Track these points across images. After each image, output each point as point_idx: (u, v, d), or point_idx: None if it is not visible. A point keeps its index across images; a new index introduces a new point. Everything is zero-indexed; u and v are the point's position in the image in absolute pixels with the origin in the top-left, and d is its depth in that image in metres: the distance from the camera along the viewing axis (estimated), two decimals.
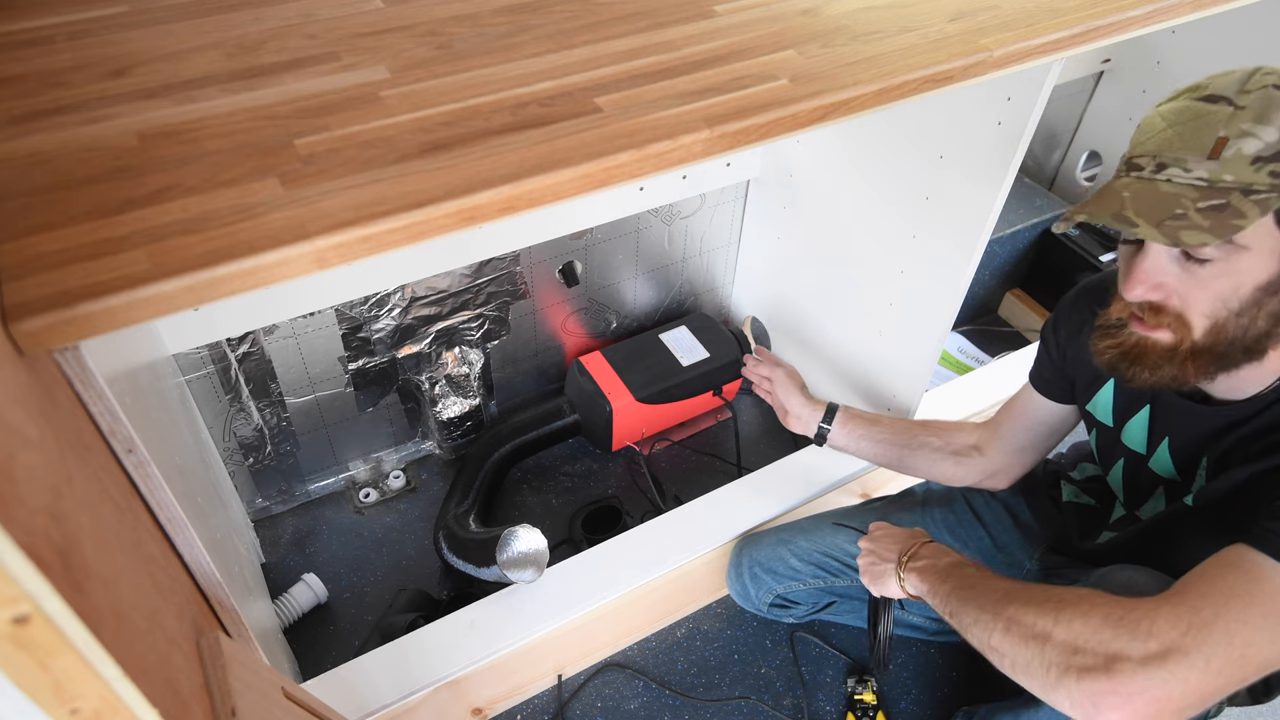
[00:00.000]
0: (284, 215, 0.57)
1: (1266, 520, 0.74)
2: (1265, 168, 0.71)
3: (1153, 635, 0.72)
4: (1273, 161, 0.71)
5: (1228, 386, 0.84)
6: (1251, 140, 0.71)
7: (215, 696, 0.60)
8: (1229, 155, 0.72)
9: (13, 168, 0.58)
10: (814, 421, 1.28)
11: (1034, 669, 0.78)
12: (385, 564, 1.46)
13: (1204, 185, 0.73)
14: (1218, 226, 0.71)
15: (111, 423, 0.59)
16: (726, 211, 1.69)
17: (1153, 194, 0.75)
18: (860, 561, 1.09)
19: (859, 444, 1.26)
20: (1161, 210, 0.74)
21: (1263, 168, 0.71)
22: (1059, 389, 1.08)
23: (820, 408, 1.29)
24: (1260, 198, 0.71)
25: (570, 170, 0.64)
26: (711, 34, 0.81)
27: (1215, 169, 0.72)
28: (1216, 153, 0.72)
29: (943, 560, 0.97)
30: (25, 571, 0.34)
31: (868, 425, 1.25)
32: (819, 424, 1.28)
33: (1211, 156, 0.73)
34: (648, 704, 1.30)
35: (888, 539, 1.07)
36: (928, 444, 1.21)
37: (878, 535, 1.09)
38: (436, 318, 1.47)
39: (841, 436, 1.26)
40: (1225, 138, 0.72)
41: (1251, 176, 0.71)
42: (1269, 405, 0.81)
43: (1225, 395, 0.85)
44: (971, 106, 1.12)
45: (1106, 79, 2.00)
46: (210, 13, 0.78)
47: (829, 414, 1.27)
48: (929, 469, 1.22)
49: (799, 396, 1.31)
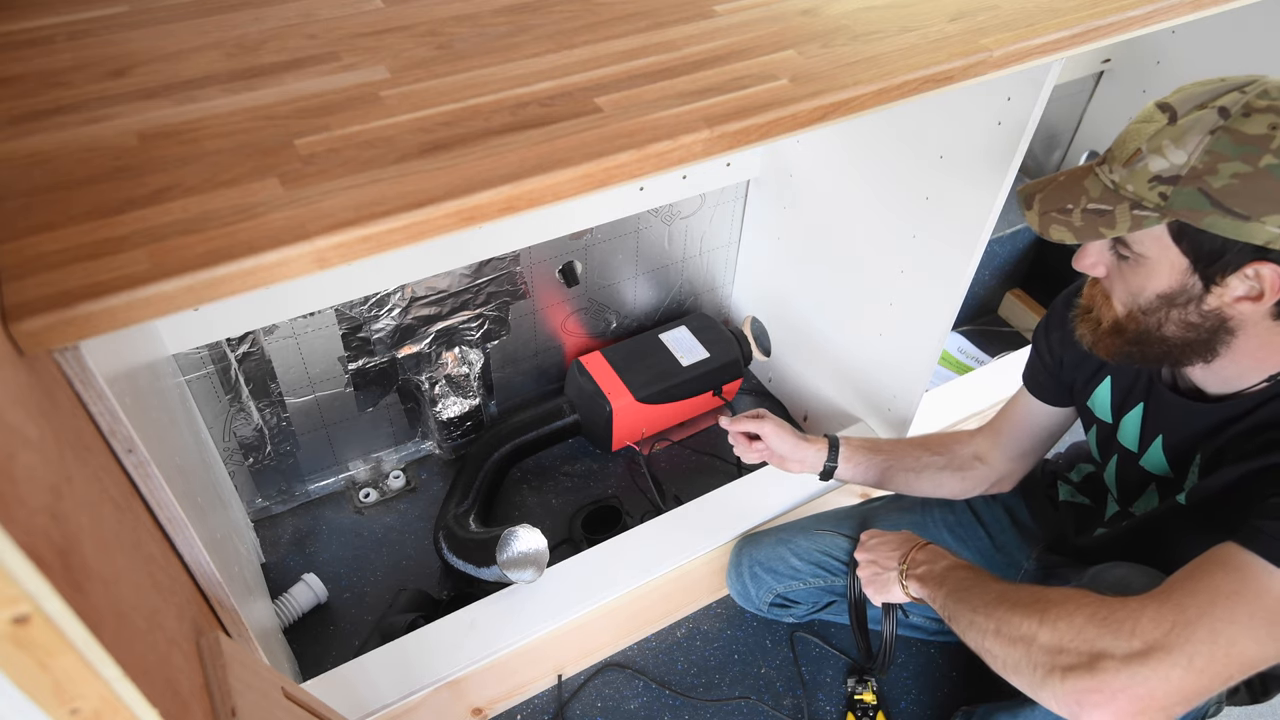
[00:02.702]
0: (284, 215, 0.57)
1: (1256, 519, 0.74)
2: (1158, 187, 0.74)
3: (1136, 633, 0.72)
4: (1167, 184, 0.74)
5: (1218, 381, 0.85)
6: (1158, 159, 0.74)
7: (215, 696, 0.60)
8: (1138, 167, 0.76)
9: (13, 168, 0.58)
10: (819, 461, 1.21)
11: (1022, 669, 0.79)
12: (385, 564, 1.46)
13: (1110, 189, 0.77)
14: (1084, 230, 0.78)
15: (111, 423, 0.59)
16: (726, 211, 1.69)
17: (1075, 185, 0.80)
18: (862, 574, 1.10)
19: (865, 475, 1.22)
20: (1059, 200, 0.80)
21: (1156, 186, 0.74)
22: (1054, 392, 1.08)
23: (821, 445, 1.21)
24: (1141, 214, 0.75)
25: (570, 170, 0.64)
26: (711, 34, 0.81)
27: (1124, 176, 0.77)
28: (1130, 162, 0.76)
29: (939, 564, 0.99)
30: (25, 571, 0.34)
31: (870, 454, 1.21)
32: (825, 463, 1.21)
33: (1126, 164, 0.77)
34: (648, 704, 1.30)
35: (884, 546, 1.07)
36: (931, 464, 1.20)
37: (872, 544, 1.10)
38: (436, 318, 1.47)
39: (847, 471, 1.22)
40: (1140, 150, 0.76)
41: (1145, 192, 0.75)
42: (1263, 402, 0.81)
43: (1217, 391, 0.86)
44: (971, 107, 1.12)
45: (1106, 79, 2.00)
46: (210, 13, 0.78)
47: (832, 449, 1.21)
48: (936, 488, 1.20)
49: (793, 440, 1.20)
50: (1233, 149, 0.71)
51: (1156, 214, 0.74)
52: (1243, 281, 0.74)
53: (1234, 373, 0.82)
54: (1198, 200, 0.72)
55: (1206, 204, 0.72)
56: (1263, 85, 0.73)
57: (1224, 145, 0.71)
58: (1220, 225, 0.72)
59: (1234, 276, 0.74)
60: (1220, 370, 0.83)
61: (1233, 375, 0.83)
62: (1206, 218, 0.72)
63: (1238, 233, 0.71)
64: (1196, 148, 0.72)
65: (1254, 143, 0.70)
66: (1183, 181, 0.73)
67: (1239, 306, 0.76)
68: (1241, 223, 0.71)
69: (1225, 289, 0.75)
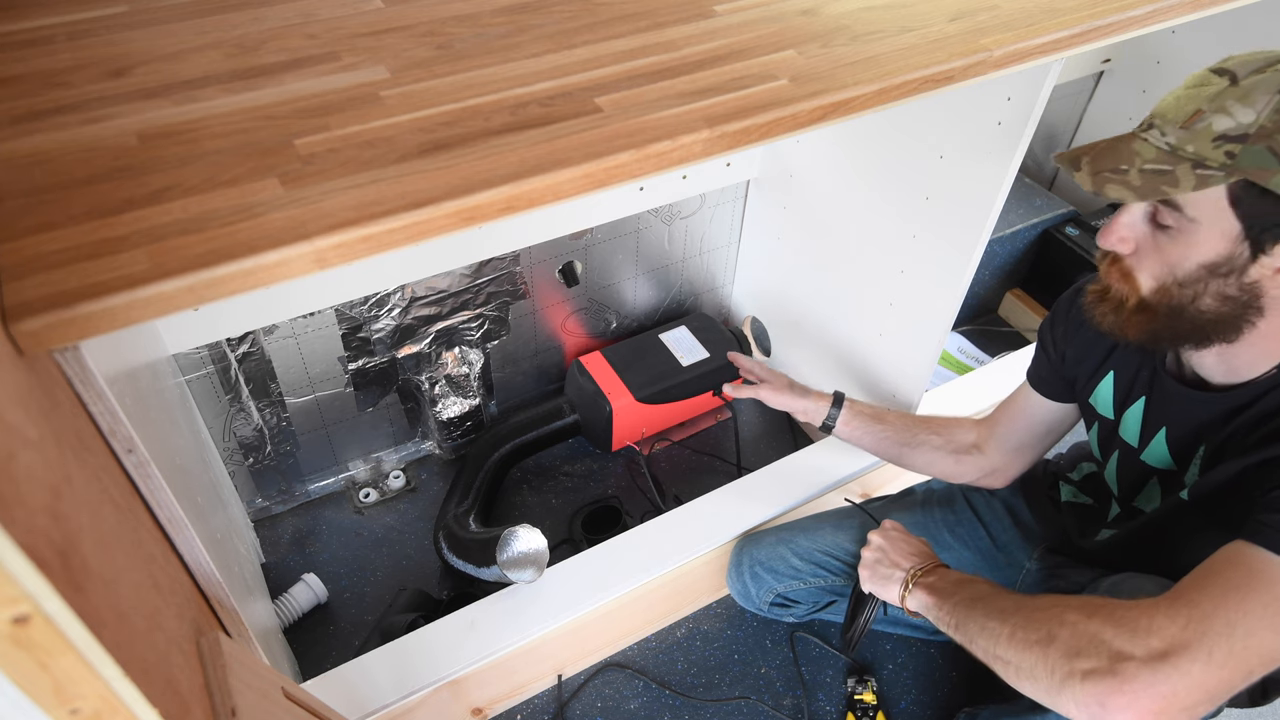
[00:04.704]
0: (284, 215, 0.57)
1: (1260, 514, 0.74)
2: (1224, 146, 0.72)
3: (1153, 632, 0.72)
4: (1234, 142, 0.72)
5: (1226, 370, 0.85)
6: (1224, 118, 0.73)
7: (215, 696, 0.60)
8: (1199, 127, 0.74)
9: (13, 168, 0.58)
10: (820, 414, 1.28)
11: (1038, 674, 0.78)
12: (385, 564, 1.46)
13: (1167, 151, 0.75)
14: (1144, 189, 0.75)
15: (111, 423, 0.59)
16: (726, 211, 1.69)
17: (1123, 148, 0.78)
18: (865, 554, 1.09)
19: (862, 438, 1.27)
20: (1111, 161, 0.78)
21: (1221, 145, 0.72)
22: (1057, 388, 1.08)
23: (824, 399, 1.28)
24: (1205, 173, 0.73)
25: (570, 170, 0.64)
26: (711, 34, 0.81)
27: (1183, 137, 0.75)
28: (1190, 123, 0.74)
29: (950, 578, 0.98)
30: (25, 571, 0.34)
31: (871, 421, 1.26)
32: (827, 412, 1.28)
33: (1184, 126, 0.75)
34: (648, 704, 1.30)
35: (902, 544, 1.07)
36: (928, 442, 1.21)
37: (893, 535, 1.09)
38: (436, 318, 1.47)
39: (846, 430, 1.27)
40: (1201, 110, 0.74)
41: (1209, 151, 0.73)
42: (1268, 391, 0.81)
43: (1222, 380, 0.86)
44: (971, 106, 1.12)
45: (1106, 79, 2.00)
46: (210, 13, 0.78)
47: (836, 404, 1.27)
48: (928, 465, 1.23)
49: (789, 397, 1.30)
50: None
51: (1222, 173, 0.72)
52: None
53: (1246, 359, 0.82)
54: (1267, 159, 0.71)
55: (1276, 163, 0.70)
56: None
57: None
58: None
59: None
60: (1233, 357, 0.83)
61: (1243, 363, 0.83)
62: (1275, 176, 0.71)
63: None
64: (1266, 106, 0.71)
65: None
66: (1251, 139, 0.71)
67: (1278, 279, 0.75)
68: None
69: (1272, 258, 0.74)
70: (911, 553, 1.05)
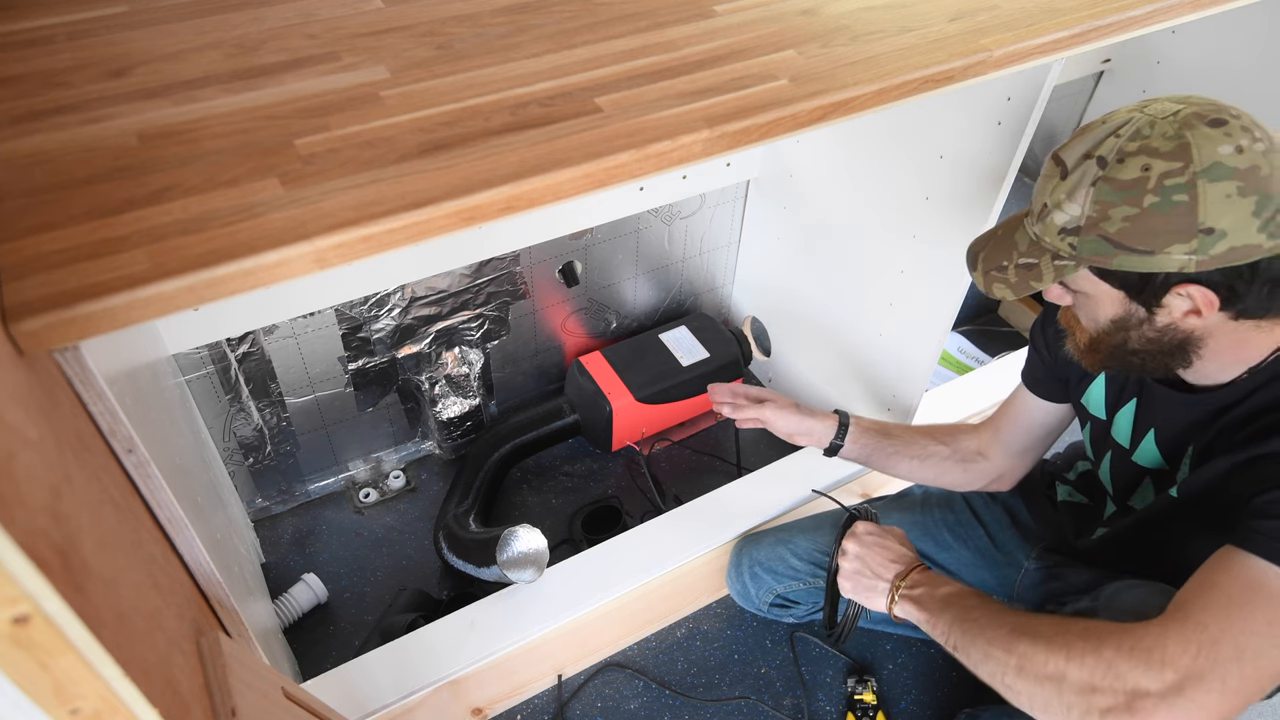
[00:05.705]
0: (284, 215, 0.57)
1: (1252, 519, 0.74)
2: (1067, 239, 0.79)
3: (1167, 664, 0.72)
4: (1072, 234, 0.78)
5: (1202, 379, 0.86)
6: (1060, 212, 0.79)
7: (215, 696, 0.60)
8: (1047, 221, 0.80)
9: (13, 168, 0.58)
10: (827, 437, 1.21)
11: (1053, 709, 0.78)
12: (385, 564, 1.46)
13: (1034, 241, 0.82)
14: (1019, 285, 0.83)
15: (111, 423, 0.59)
16: (726, 211, 1.69)
17: (1007, 240, 0.85)
18: (844, 564, 1.05)
19: (869, 456, 1.22)
20: (997, 258, 0.85)
21: (1065, 238, 0.79)
22: (1052, 388, 1.08)
23: (829, 421, 1.22)
24: (1061, 263, 0.80)
25: (570, 170, 0.64)
26: (711, 34, 0.81)
27: (1039, 229, 0.82)
28: (1041, 216, 0.81)
29: (940, 589, 0.95)
30: (25, 571, 0.34)
31: (878, 437, 1.21)
32: (832, 439, 1.21)
33: (1039, 218, 0.82)
34: (648, 704, 1.30)
35: (880, 550, 1.02)
36: (936, 453, 1.20)
37: (868, 541, 1.04)
38: (436, 318, 1.47)
39: (853, 450, 1.22)
40: (1045, 204, 0.81)
41: (1058, 243, 0.80)
42: (1251, 392, 0.82)
43: (1200, 382, 0.87)
44: (971, 107, 1.12)
45: (1106, 79, 1.99)
46: (210, 13, 0.78)
47: (842, 428, 1.21)
48: (938, 478, 1.21)
49: (796, 418, 1.21)
50: (1116, 195, 0.75)
51: (1072, 262, 0.79)
52: (1179, 300, 0.77)
53: (1215, 368, 0.84)
54: (1102, 246, 0.77)
55: (1110, 248, 0.76)
56: (1136, 124, 0.76)
57: (1107, 193, 0.75)
58: (1130, 262, 0.76)
59: (1169, 298, 0.77)
60: (1202, 369, 0.85)
61: (1214, 371, 0.84)
62: (1115, 259, 0.76)
63: (1149, 266, 0.75)
64: (1086, 199, 0.77)
65: (1132, 187, 0.74)
66: (1084, 231, 0.77)
67: (1190, 320, 0.79)
68: (1148, 257, 0.75)
69: (1167, 309, 0.78)
70: (891, 560, 1.01)
